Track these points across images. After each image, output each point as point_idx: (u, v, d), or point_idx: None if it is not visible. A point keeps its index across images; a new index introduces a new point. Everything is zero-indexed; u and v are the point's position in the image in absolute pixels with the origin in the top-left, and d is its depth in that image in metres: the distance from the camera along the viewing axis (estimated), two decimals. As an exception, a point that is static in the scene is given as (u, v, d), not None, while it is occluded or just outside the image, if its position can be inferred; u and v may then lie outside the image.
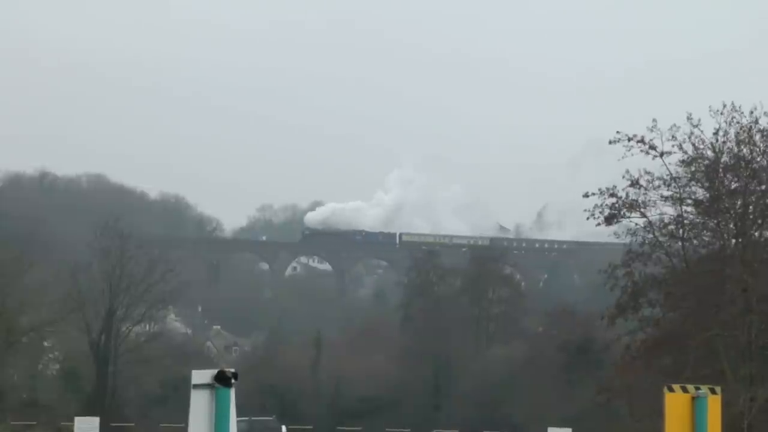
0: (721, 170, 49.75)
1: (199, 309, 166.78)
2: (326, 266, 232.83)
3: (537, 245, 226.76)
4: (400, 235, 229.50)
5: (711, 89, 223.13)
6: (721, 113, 48.75)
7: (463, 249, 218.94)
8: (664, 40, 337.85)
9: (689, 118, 48.90)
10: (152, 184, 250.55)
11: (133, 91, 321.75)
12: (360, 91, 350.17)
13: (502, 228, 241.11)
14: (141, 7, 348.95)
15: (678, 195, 50.07)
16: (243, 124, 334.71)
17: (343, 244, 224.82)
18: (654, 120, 49.39)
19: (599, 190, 50.11)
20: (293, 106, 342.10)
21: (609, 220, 50.97)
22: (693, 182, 50.15)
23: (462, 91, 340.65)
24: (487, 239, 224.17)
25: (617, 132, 49.75)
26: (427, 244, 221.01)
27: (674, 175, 49.81)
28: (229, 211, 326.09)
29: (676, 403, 16.05)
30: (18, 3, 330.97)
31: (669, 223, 50.63)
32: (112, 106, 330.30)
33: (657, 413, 18.22)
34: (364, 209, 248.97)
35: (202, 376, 13.23)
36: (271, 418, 71.15)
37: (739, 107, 48.68)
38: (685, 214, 50.54)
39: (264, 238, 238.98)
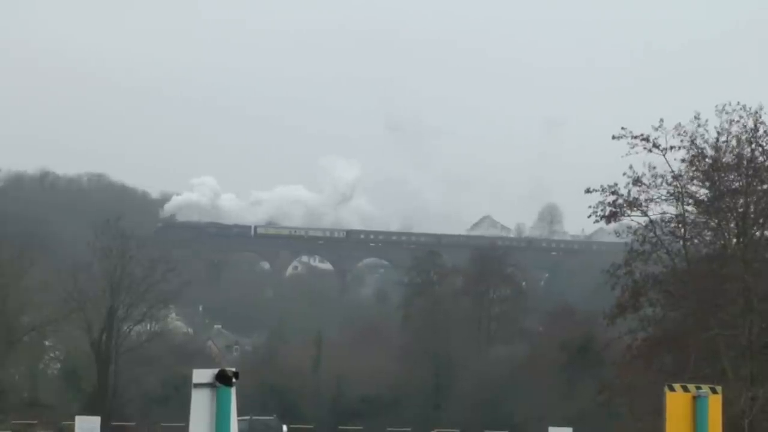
0: (722, 169, 49.71)
1: (200, 308, 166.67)
2: (327, 266, 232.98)
3: (537, 244, 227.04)
4: (255, 228, 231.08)
5: (708, 83, 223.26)
6: (727, 112, 48.76)
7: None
8: (661, 34, 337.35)
9: (697, 117, 48.96)
10: (153, 184, 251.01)
11: (134, 91, 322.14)
12: (356, 90, 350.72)
13: (502, 227, 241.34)
14: (141, 9, 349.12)
15: (679, 194, 50.05)
16: (243, 125, 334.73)
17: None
18: (661, 119, 49.45)
19: (601, 186, 50.13)
20: (292, 106, 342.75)
21: (609, 218, 50.97)
22: (695, 181, 50.16)
23: (461, 90, 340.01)
24: (344, 231, 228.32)
25: (622, 128, 49.83)
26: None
27: (676, 173, 49.82)
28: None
29: (677, 402, 16.05)
30: (18, 3, 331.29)
31: (670, 222, 50.64)
32: (113, 105, 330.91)
33: (658, 412, 18.21)
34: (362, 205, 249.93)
35: (203, 375, 13.22)
36: (272, 418, 71.13)
37: (749, 108, 48.73)
38: (686, 213, 50.55)
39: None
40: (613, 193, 50.04)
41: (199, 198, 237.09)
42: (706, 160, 49.59)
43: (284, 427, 69.92)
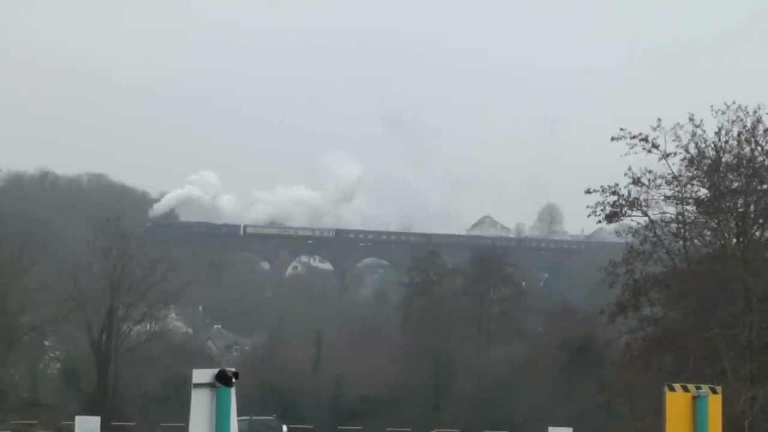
0: (722, 169, 49.71)
1: (200, 308, 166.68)
2: (327, 266, 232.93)
3: (537, 244, 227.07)
4: (245, 227, 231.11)
5: (708, 82, 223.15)
6: (723, 112, 48.75)
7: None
8: (661, 34, 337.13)
9: (691, 119, 48.95)
10: (154, 184, 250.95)
11: (134, 91, 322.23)
12: (356, 90, 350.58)
13: (502, 227, 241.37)
14: (140, 10, 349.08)
15: (679, 194, 50.05)
16: (242, 125, 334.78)
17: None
18: (659, 119, 49.46)
19: (601, 187, 50.15)
20: (293, 106, 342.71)
21: (610, 218, 50.98)
22: (695, 181, 50.14)
23: (462, 90, 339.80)
24: (333, 231, 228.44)
25: (621, 129, 49.87)
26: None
27: (676, 174, 49.83)
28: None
29: (676, 402, 16.04)
30: (18, 3, 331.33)
31: (670, 222, 50.64)
32: (112, 105, 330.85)
33: (658, 412, 18.19)
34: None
35: (202, 375, 13.21)
36: (271, 418, 71.18)
37: (745, 107, 48.73)
38: (686, 213, 50.56)
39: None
40: (613, 193, 50.05)
41: (201, 195, 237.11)
42: (706, 160, 49.59)
43: (284, 427, 69.98)
